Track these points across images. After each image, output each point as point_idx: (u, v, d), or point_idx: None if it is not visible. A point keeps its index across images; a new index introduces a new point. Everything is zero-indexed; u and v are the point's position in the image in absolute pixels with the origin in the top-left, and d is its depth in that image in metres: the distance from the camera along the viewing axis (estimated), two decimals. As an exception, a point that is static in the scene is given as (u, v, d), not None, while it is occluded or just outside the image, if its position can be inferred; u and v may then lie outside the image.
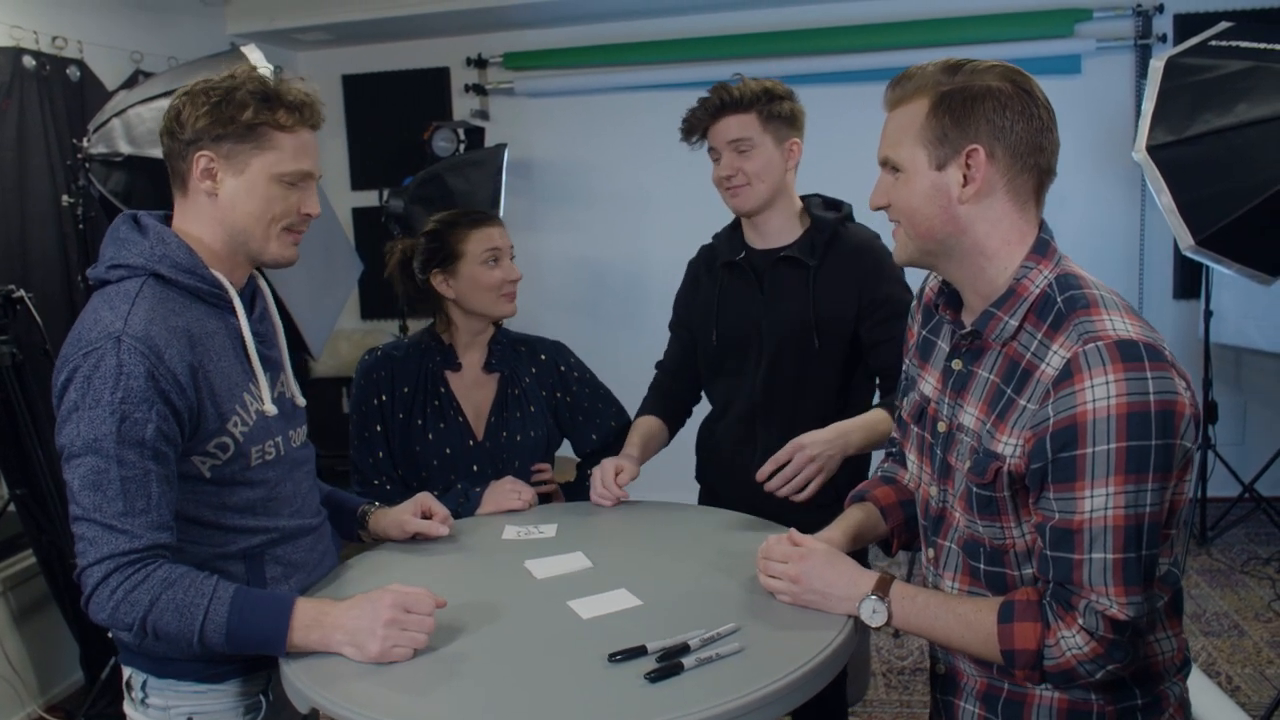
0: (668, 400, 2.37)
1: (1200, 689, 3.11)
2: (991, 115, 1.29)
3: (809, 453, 1.91)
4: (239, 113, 1.51)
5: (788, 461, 1.92)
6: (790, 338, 2.14)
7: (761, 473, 1.93)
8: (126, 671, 1.64)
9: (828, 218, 2.17)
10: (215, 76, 1.56)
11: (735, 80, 2.11)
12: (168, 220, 1.59)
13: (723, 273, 2.26)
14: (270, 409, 1.61)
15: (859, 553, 1.81)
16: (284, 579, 1.64)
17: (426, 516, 1.92)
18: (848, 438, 1.96)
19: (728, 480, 2.28)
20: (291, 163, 1.56)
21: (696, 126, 2.13)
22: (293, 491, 1.67)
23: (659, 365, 2.41)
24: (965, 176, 1.31)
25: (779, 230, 2.18)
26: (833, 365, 2.15)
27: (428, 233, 2.23)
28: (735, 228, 2.27)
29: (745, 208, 2.14)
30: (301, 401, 1.74)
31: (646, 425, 2.29)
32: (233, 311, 1.59)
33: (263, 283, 1.73)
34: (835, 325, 2.13)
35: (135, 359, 1.42)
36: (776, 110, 2.09)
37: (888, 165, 1.39)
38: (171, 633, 1.44)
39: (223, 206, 1.55)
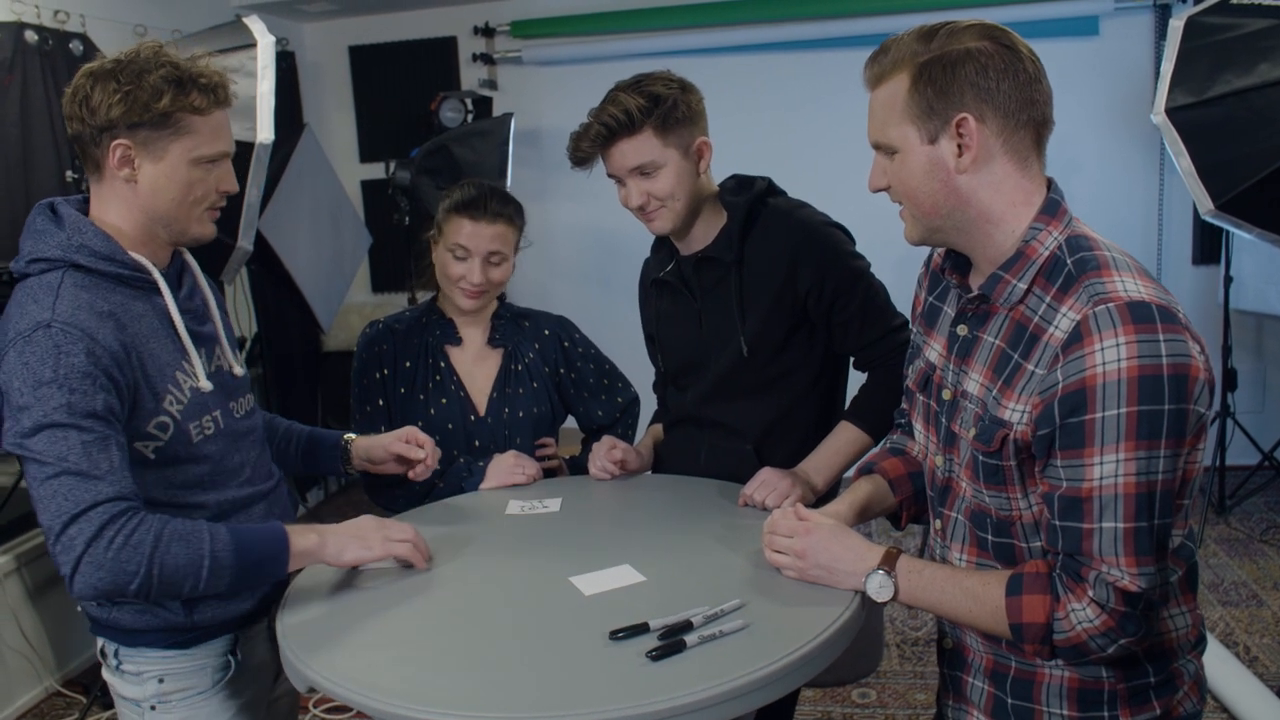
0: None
1: (1218, 659, 3.09)
2: (975, 78, 1.24)
3: (776, 472, 1.87)
4: (154, 100, 1.49)
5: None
6: (726, 347, 1.98)
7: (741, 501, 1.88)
8: (99, 642, 1.68)
9: (737, 202, 1.96)
10: (120, 54, 1.53)
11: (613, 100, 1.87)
12: (86, 205, 1.59)
13: (654, 293, 2.13)
14: (205, 385, 1.62)
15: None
16: None
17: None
18: (810, 478, 1.90)
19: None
20: (209, 145, 1.56)
21: (586, 158, 1.90)
22: (240, 462, 1.68)
23: (654, 386, 2.29)
24: (960, 146, 1.27)
25: (704, 232, 1.99)
26: (771, 369, 1.98)
27: (444, 198, 2.19)
28: (664, 236, 2.07)
29: (667, 229, 1.94)
30: (240, 371, 1.74)
31: (656, 430, 2.25)
32: (158, 292, 1.59)
33: (190, 259, 1.72)
34: (769, 321, 1.94)
35: (69, 340, 1.42)
36: (671, 116, 1.84)
37: (880, 148, 1.35)
38: (181, 563, 1.43)
39: (143, 193, 1.54)
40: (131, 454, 1.51)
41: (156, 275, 1.58)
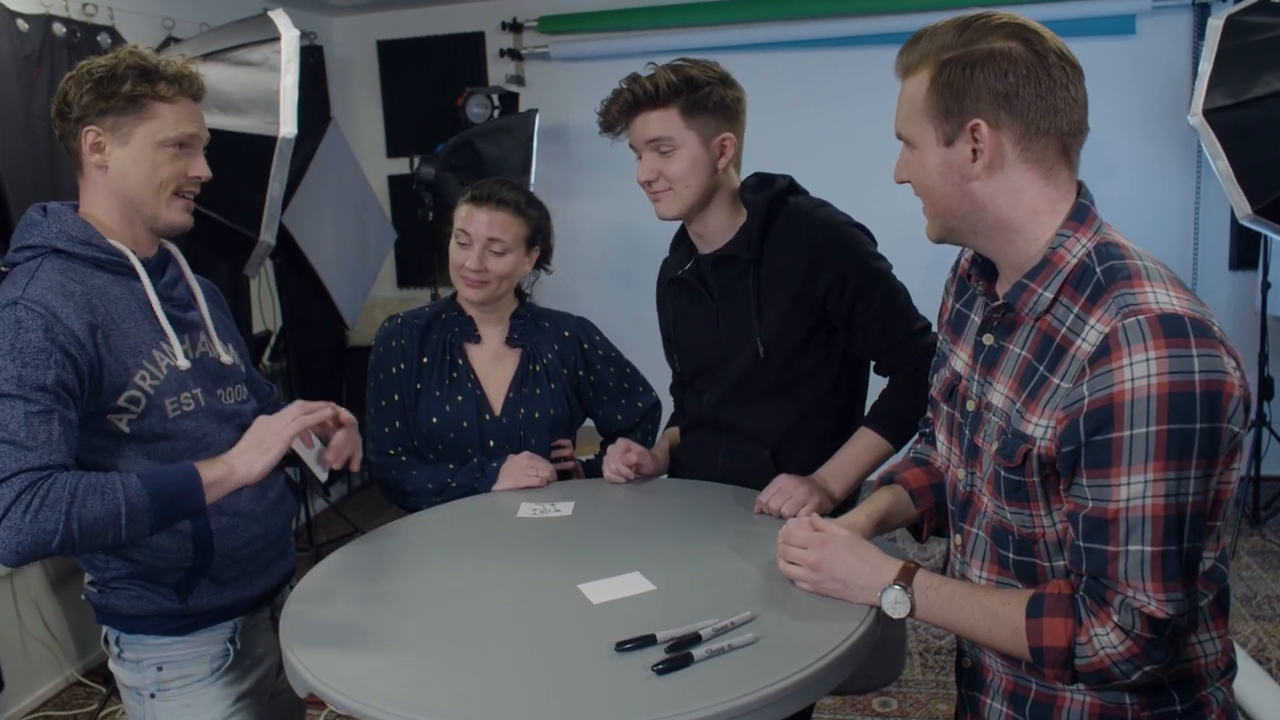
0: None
1: (1248, 676, 3.01)
2: (993, 83, 1.20)
3: (793, 480, 1.84)
4: (119, 86, 1.61)
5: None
6: (743, 348, 1.95)
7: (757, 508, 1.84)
8: (104, 630, 1.75)
9: (757, 200, 1.93)
10: (99, 59, 1.66)
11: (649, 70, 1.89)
12: (78, 208, 1.70)
13: (672, 292, 2.10)
14: (182, 364, 1.69)
15: None
16: (232, 530, 1.71)
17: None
18: (828, 485, 1.87)
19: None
20: (174, 128, 1.66)
21: (613, 123, 1.91)
22: (228, 440, 1.71)
23: (671, 389, 2.26)
24: (974, 151, 1.22)
25: (722, 230, 1.95)
26: (788, 372, 1.94)
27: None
28: (685, 233, 2.05)
29: (668, 214, 1.92)
30: (229, 360, 1.80)
31: (673, 433, 2.22)
32: (137, 277, 1.67)
33: (178, 255, 1.81)
34: (787, 322, 1.91)
35: (31, 317, 1.51)
36: (701, 101, 1.84)
37: (903, 140, 1.31)
38: (99, 514, 1.46)
39: (113, 177, 1.65)
40: (106, 426, 1.60)
41: (134, 260, 1.67)
